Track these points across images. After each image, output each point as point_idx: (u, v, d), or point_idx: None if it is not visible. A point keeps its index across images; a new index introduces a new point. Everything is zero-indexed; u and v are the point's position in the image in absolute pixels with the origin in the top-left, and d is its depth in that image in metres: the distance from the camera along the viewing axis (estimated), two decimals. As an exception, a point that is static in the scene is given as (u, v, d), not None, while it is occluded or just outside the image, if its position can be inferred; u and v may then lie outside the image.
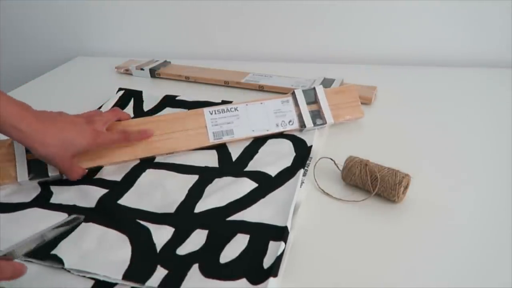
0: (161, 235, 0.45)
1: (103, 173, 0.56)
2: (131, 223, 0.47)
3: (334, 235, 0.44)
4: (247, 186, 0.51)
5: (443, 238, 0.42)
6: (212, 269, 0.40)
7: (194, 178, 0.54)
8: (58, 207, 0.50)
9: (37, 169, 0.54)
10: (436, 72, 0.82)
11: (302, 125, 0.62)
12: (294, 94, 0.63)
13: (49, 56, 1.13)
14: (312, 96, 0.63)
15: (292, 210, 0.46)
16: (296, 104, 0.63)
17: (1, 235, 0.46)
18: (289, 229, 0.44)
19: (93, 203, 0.50)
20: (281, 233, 0.43)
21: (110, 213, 0.48)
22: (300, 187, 0.51)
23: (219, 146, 0.60)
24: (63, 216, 0.48)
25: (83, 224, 0.46)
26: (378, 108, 0.70)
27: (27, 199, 0.52)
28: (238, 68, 0.86)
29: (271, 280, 0.38)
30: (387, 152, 0.54)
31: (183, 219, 0.47)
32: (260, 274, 0.39)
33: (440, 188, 0.49)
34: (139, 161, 0.58)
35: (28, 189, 0.54)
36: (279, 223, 0.45)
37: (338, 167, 0.52)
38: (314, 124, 0.62)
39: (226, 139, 0.60)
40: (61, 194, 0.52)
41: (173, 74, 0.87)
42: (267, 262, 0.40)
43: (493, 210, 0.46)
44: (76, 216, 0.43)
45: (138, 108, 0.72)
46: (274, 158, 0.56)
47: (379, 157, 0.50)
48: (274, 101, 0.63)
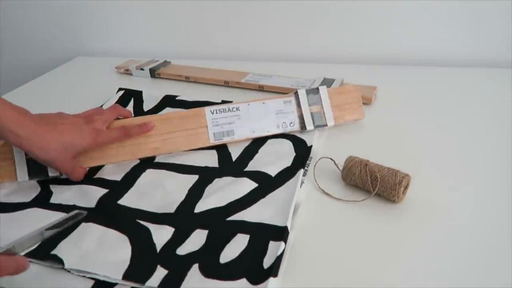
0: (161, 235, 0.45)
1: (103, 172, 0.56)
2: (131, 223, 0.47)
3: (334, 235, 0.44)
4: (247, 186, 0.51)
5: (443, 238, 0.42)
6: (212, 269, 0.40)
7: (194, 178, 0.54)
8: (58, 207, 0.50)
9: (36, 168, 0.54)
10: (436, 72, 0.82)
11: (303, 127, 0.62)
12: (296, 94, 0.63)
13: (49, 56, 1.13)
14: (315, 97, 0.63)
15: (292, 210, 0.46)
16: (298, 104, 0.62)
17: (1, 235, 0.46)
18: (289, 229, 0.44)
19: (93, 203, 0.50)
20: (281, 233, 0.43)
21: (110, 213, 0.48)
22: (300, 187, 0.51)
23: (219, 146, 0.60)
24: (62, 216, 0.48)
25: (83, 224, 0.46)
26: (378, 108, 0.70)
27: (27, 199, 0.52)
28: (238, 68, 0.86)
29: (271, 280, 0.38)
30: (387, 152, 0.54)
31: (183, 219, 0.47)
32: (260, 274, 0.39)
33: (440, 188, 0.49)
34: (139, 161, 0.58)
35: (27, 189, 0.54)
36: (279, 223, 0.45)
37: (338, 167, 0.52)
38: (315, 126, 0.62)
39: (227, 140, 0.60)
40: (61, 194, 0.52)
41: (173, 74, 0.87)
42: (267, 262, 0.40)
43: (493, 210, 0.46)
44: (79, 211, 0.42)
45: (138, 108, 0.72)
46: (274, 158, 0.56)
47: (379, 157, 0.50)
48: (276, 100, 0.62)
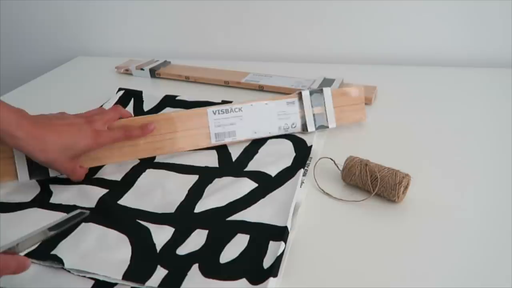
0: (161, 235, 0.45)
1: (103, 172, 0.56)
2: (131, 223, 0.47)
3: (334, 235, 0.44)
4: (247, 186, 0.51)
5: (443, 238, 0.42)
6: (212, 269, 0.40)
7: (194, 178, 0.54)
8: (58, 207, 0.50)
9: (37, 169, 0.53)
10: (436, 72, 0.82)
11: (305, 128, 0.61)
12: (300, 95, 0.62)
13: (49, 56, 1.13)
14: (318, 99, 0.62)
15: (292, 210, 0.46)
16: (301, 105, 0.62)
17: (1, 235, 0.46)
18: (289, 229, 0.44)
19: (93, 203, 0.50)
20: (281, 233, 0.43)
21: (110, 213, 0.48)
22: (300, 187, 0.51)
23: (219, 146, 0.60)
24: (63, 216, 0.48)
25: (83, 224, 0.46)
26: (378, 108, 0.70)
27: (27, 199, 0.52)
28: (238, 68, 0.86)
29: (271, 280, 0.38)
30: (387, 152, 0.54)
31: (183, 219, 0.47)
32: (260, 274, 0.39)
33: (440, 188, 0.49)
34: (139, 161, 0.58)
35: (28, 188, 0.54)
36: (279, 223, 0.45)
37: (338, 167, 0.52)
38: (317, 128, 0.62)
39: (228, 141, 0.60)
40: (61, 194, 0.52)
41: (173, 74, 0.87)
42: (267, 262, 0.40)
43: (493, 210, 0.46)
44: (81, 211, 0.42)
45: (138, 108, 0.72)
46: (274, 158, 0.56)
47: (379, 157, 0.50)
48: (279, 101, 0.62)
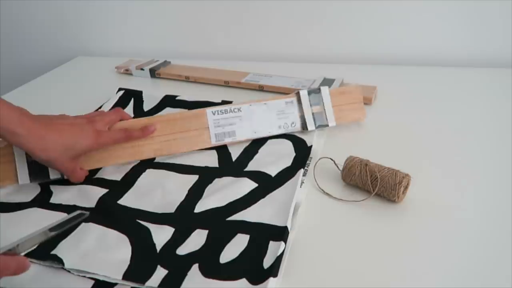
0: (161, 235, 0.45)
1: (103, 172, 0.56)
2: (131, 223, 0.47)
3: (334, 235, 0.44)
4: (247, 186, 0.51)
5: (443, 238, 0.42)
6: (212, 269, 0.40)
7: (194, 178, 0.54)
8: (58, 207, 0.50)
9: (37, 170, 0.53)
10: (436, 72, 0.82)
11: (304, 127, 0.62)
12: (298, 94, 0.62)
13: (49, 56, 1.13)
14: (316, 98, 0.63)
15: (292, 210, 0.46)
16: (300, 105, 0.62)
17: (1, 235, 0.46)
18: (289, 229, 0.44)
19: (93, 203, 0.50)
20: (281, 233, 0.43)
21: (110, 213, 0.48)
22: (300, 187, 0.51)
23: (219, 146, 0.60)
24: (63, 216, 0.48)
25: (83, 224, 0.46)
26: (378, 108, 0.70)
27: (27, 199, 0.52)
28: (238, 68, 0.86)
29: (271, 280, 0.38)
30: (387, 152, 0.54)
31: (183, 219, 0.47)
32: (260, 274, 0.39)
33: (440, 188, 0.49)
34: (139, 161, 0.58)
35: (28, 189, 0.54)
36: (279, 223, 0.45)
37: (338, 167, 0.52)
38: (316, 126, 0.62)
39: (228, 141, 0.60)
40: (61, 194, 0.52)
41: (173, 74, 0.87)
42: (267, 262, 0.40)
43: (493, 210, 0.46)
44: (81, 212, 0.42)
45: (138, 108, 0.72)
46: (274, 158, 0.56)
47: (379, 157, 0.50)
48: (277, 101, 0.62)
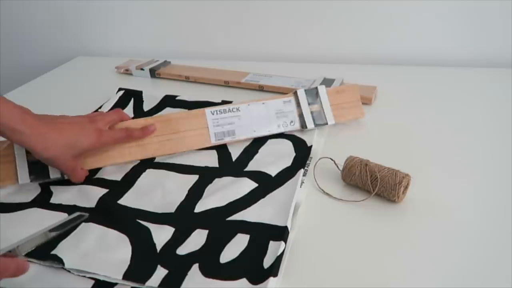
0: (161, 235, 0.45)
1: (103, 172, 0.56)
2: (131, 223, 0.47)
3: (334, 235, 0.44)
4: (247, 186, 0.51)
5: (443, 238, 0.42)
6: (212, 269, 0.40)
7: (194, 178, 0.54)
8: (58, 207, 0.50)
9: (38, 170, 0.54)
10: (436, 72, 0.82)
11: (303, 125, 0.62)
12: (296, 94, 0.63)
13: (49, 56, 1.13)
14: (314, 96, 0.63)
15: (292, 210, 0.46)
16: (298, 104, 0.63)
17: (1, 235, 0.46)
18: (289, 229, 0.44)
19: (93, 203, 0.50)
20: (281, 233, 0.43)
21: (110, 213, 0.48)
22: (300, 187, 0.51)
23: (219, 146, 0.60)
24: (63, 216, 0.48)
25: (83, 224, 0.46)
26: (378, 108, 0.70)
27: (27, 199, 0.52)
28: (238, 68, 0.86)
29: (271, 280, 0.38)
30: (387, 152, 0.54)
31: (183, 219, 0.47)
32: (260, 274, 0.39)
33: (440, 188, 0.49)
34: (139, 161, 0.58)
35: (28, 189, 0.54)
36: (279, 223, 0.45)
37: (338, 167, 0.52)
38: (315, 125, 0.62)
39: (228, 140, 0.60)
40: (61, 194, 0.52)
41: (173, 74, 0.87)
42: (267, 262, 0.40)
43: (493, 210, 0.46)
44: (80, 214, 0.42)
45: (138, 108, 0.72)
46: (274, 158, 0.56)
47: (379, 157, 0.50)
48: (276, 101, 0.62)
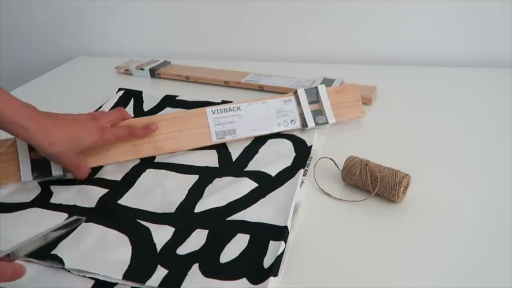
0: (161, 235, 0.45)
1: (103, 172, 0.56)
2: (131, 223, 0.47)
3: (334, 235, 0.44)
4: (247, 186, 0.51)
5: (443, 238, 0.42)
6: (212, 268, 0.40)
7: (194, 178, 0.54)
8: (59, 207, 0.50)
9: (40, 168, 0.54)
10: (436, 72, 0.82)
11: (304, 124, 0.62)
12: (296, 93, 0.63)
13: (49, 56, 1.13)
14: (314, 95, 0.63)
15: (292, 210, 0.46)
16: (298, 103, 0.63)
17: (1, 235, 0.46)
18: (289, 229, 0.44)
19: (93, 203, 0.50)
20: (281, 233, 0.43)
21: (110, 213, 0.48)
22: (300, 187, 0.51)
23: (219, 146, 0.60)
24: (63, 216, 0.49)
25: (83, 224, 0.46)
26: (379, 108, 0.70)
27: (27, 199, 0.52)
28: (238, 68, 0.86)
29: (271, 279, 0.38)
30: (387, 152, 0.54)
31: (183, 219, 0.47)
32: (260, 274, 0.39)
33: (440, 188, 0.49)
34: (139, 160, 0.58)
35: (28, 189, 0.54)
36: (279, 223, 0.45)
37: (338, 167, 0.52)
38: (316, 123, 0.62)
39: (229, 138, 0.60)
40: (61, 194, 0.52)
41: (173, 74, 0.87)
42: (267, 262, 0.40)
43: (493, 210, 0.46)
44: (77, 217, 0.43)
45: (138, 108, 0.72)
46: (274, 158, 0.56)
47: (379, 157, 0.50)
48: (276, 100, 0.63)
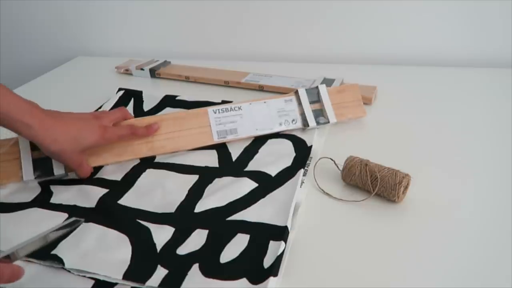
0: (161, 235, 0.45)
1: (103, 172, 0.56)
2: (131, 223, 0.47)
3: (334, 235, 0.44)
4: (247, 186, 0.51)
5: (443, 238, 0.42)
6: (213, 269, 0.40)
7: (194, 178, 0.54)
8: (59, 207, 0.50)
9: (42, 167, 0.54)
10: (436, 72, 0.82)
11: (305, 124, 0.62)
12: (297, 93, 0.63)
13: (49, 56, 1.13)
14: (315, 95, 0.63)
15: (292, 210, 0.46)
16: (299, 103, 0.63)
17: (1, 235, 0.46)
18: (289, 229, 0.44)
19: (93, 203, 0.50)
20: (281, 232, 0.43)
21: (110, 213, 0.48)
22: (300, 187, 0.51)
23: (219, 146, 0.60)
24: (63, 216, 0.49)
25: (83, 224, 0.46)
26: (379, 108, 0.70)
27: (28, 199, 0.52)
28: (238, 68, 0.86)
29: (271, 279, 0.38)
30: (387, 152, 0.54)
31: (183, 219, 0.47)
32: (260, 274, 0.39)
33: (440, 188, 0.49)
34: (139, 160, 0.58)
35: (28, 189, 0.54)
36: (279, 223, 0.45)
37: (338, 167, 0.52)
38: (317, 123, 0.62)
39: (230, 138, 0.60)
40: (61, 194, 0.52)
41: (173, 74, 0.87)
42: (267, 262, 0.40)
43: (493, 210, 0.46)
44: (76, 219, 0.43)
45: (138, 108, 0.72)
46: (274, 158, 0.56)
47: (379, 157, 0.50)
48: (277, 100, 0.63)
